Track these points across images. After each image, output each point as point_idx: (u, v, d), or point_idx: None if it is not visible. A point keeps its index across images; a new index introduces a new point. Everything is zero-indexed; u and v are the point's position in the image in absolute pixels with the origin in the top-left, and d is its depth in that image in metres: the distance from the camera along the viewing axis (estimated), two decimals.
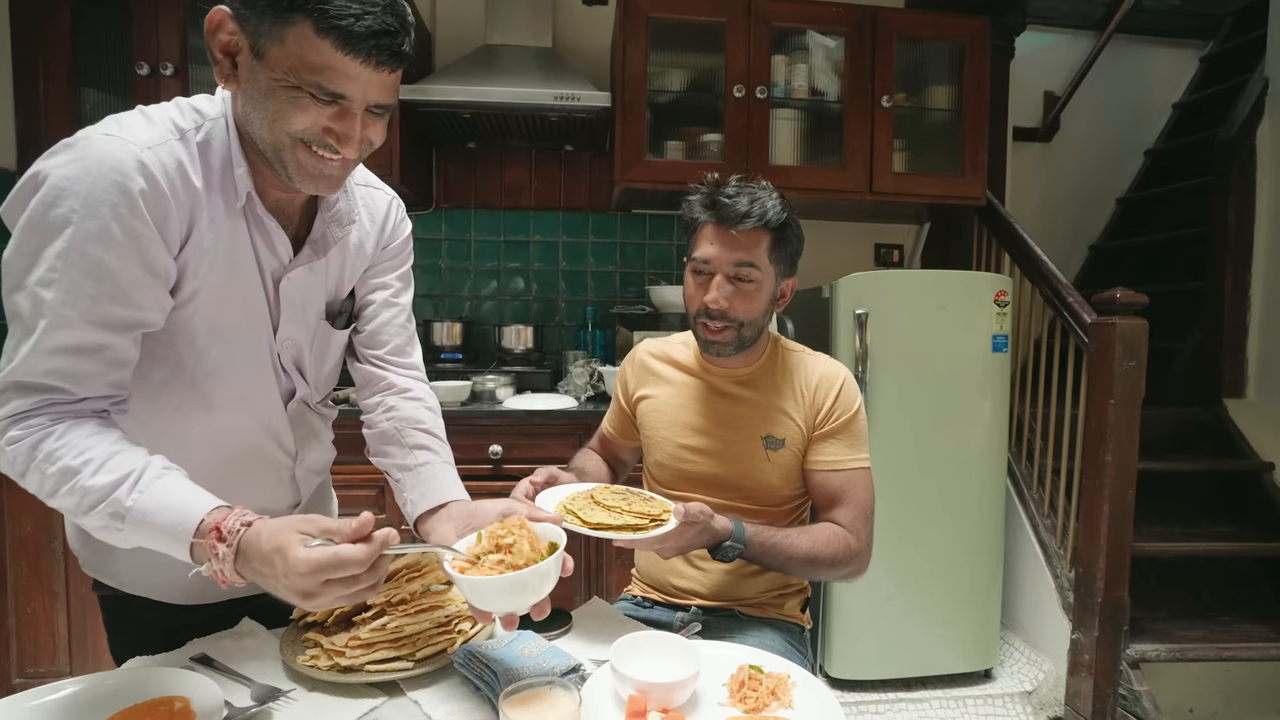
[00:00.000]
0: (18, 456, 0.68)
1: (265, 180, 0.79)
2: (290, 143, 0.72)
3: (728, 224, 1.06)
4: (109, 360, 0.71)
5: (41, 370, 0.68)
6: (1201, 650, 2.08)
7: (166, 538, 0.68)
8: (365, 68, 0.68)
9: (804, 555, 1.05)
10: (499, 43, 2.40)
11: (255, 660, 0.84)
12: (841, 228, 2.86)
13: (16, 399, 0.68)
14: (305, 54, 0.66)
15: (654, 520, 0.92)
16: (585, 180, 2.73)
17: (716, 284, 1.08)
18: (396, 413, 0.97)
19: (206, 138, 0.75)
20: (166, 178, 0.71)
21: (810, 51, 2.43)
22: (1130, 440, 1.98)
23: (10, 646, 1.93)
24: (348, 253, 0.92)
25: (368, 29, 0.66)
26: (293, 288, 0.86)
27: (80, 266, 0.67)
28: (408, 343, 1.02)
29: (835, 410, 1.13)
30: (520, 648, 0.83)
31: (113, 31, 2.13)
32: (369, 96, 0.71)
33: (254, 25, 0.67)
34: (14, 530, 1.90)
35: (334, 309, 0.94)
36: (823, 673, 2.19)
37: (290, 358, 0.90)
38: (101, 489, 0.67)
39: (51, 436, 0.68)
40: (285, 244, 0.83)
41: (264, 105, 0.70)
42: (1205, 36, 3.61)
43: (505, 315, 2.72)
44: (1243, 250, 2.66)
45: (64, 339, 0.68)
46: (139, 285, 0.71)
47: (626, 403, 1.28)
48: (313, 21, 0.65)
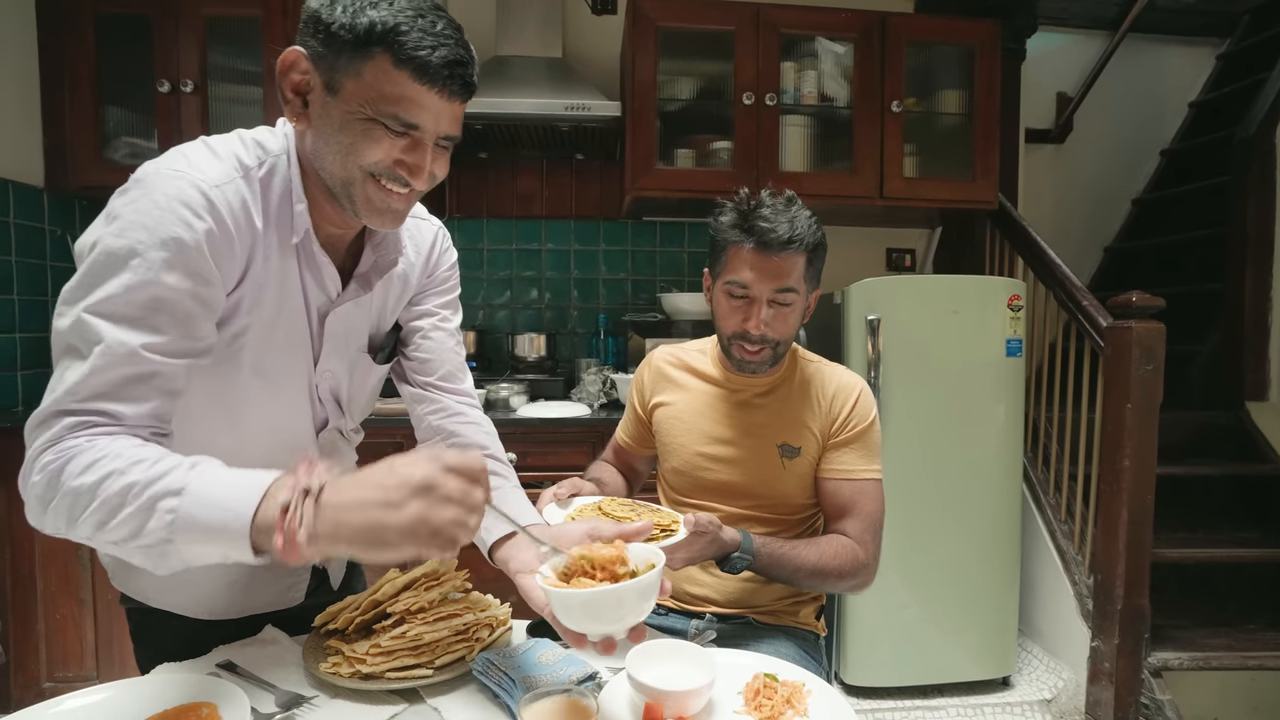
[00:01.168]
0: (46, 481, 0.63)
1: (321, 215, 0.80)
2: (361, 177, 0.73)
3: (769, 250, 1.05)
4: (158, 389, 0.69)
5: (88, 394, 0.65)
6: (1226, 659, 2.05)
7: (235, 496, 0.60)
8: (439, 98, 0.70)
9: (812, 567, 1.06)
10: (510, 54, 2.43)
11: (279, 667, 0.86)
12: (853, 233, 2.86)
13: (57, 425, 0.65)
14: (382, 85, 0.68)
15: (664, 530, 0.93)
16: (596, 188, 2.75)
17: (758, 310, 1.07)
18: (457, 439, 0.97)
19: (269, 173, 0.77)
20: (231, 216, 0.72)
21: (819, 58, 2.43)
22: (1148, 445, 1.96)
23: (40, 651, 1.97)
24: (392, 284, 0.92)
25: (444, 59, 0.68)
26: (337, 321, 0.86)
27: (142, 298, 0.67)
28: (459, 369, 1.01)
29: (851, 420, 1.14)
30: (538, 655, 0.84)
31: (134, 50, 2.19)
32: (440, 127, 0.73)
33: (330, 61, 0.69)
34: (43, 539, 1.95)
35: (376, 342, 0.94)
36: (838, 680, 2.18)
37: (328, 388, 0.90)
38: (154, 475, 0.61)
39: (90, 451, 0.63)
40: (335, 279, 0.84)
41: (337, 139, 0.72)
42: (1221, 34, 3.56)
43: (518, 323, 2.75)
44: (1263, 251, 2.62)
45: (118, 366, 0.66)
46: (196, 319, 0.71)
47: (642, 409, 1.29)
48: (391, 54, 0.67)
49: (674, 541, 0.91)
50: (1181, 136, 3.59)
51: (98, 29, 2.16)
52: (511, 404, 2.26)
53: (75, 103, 2.16)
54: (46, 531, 0.66)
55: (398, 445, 2.03)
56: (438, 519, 0.58)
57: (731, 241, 1.08)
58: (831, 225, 2.75)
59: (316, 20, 0.69)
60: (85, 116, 2.17)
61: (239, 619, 0.95)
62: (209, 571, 0.90)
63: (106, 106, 2.21)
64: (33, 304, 2.14)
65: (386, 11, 0.67)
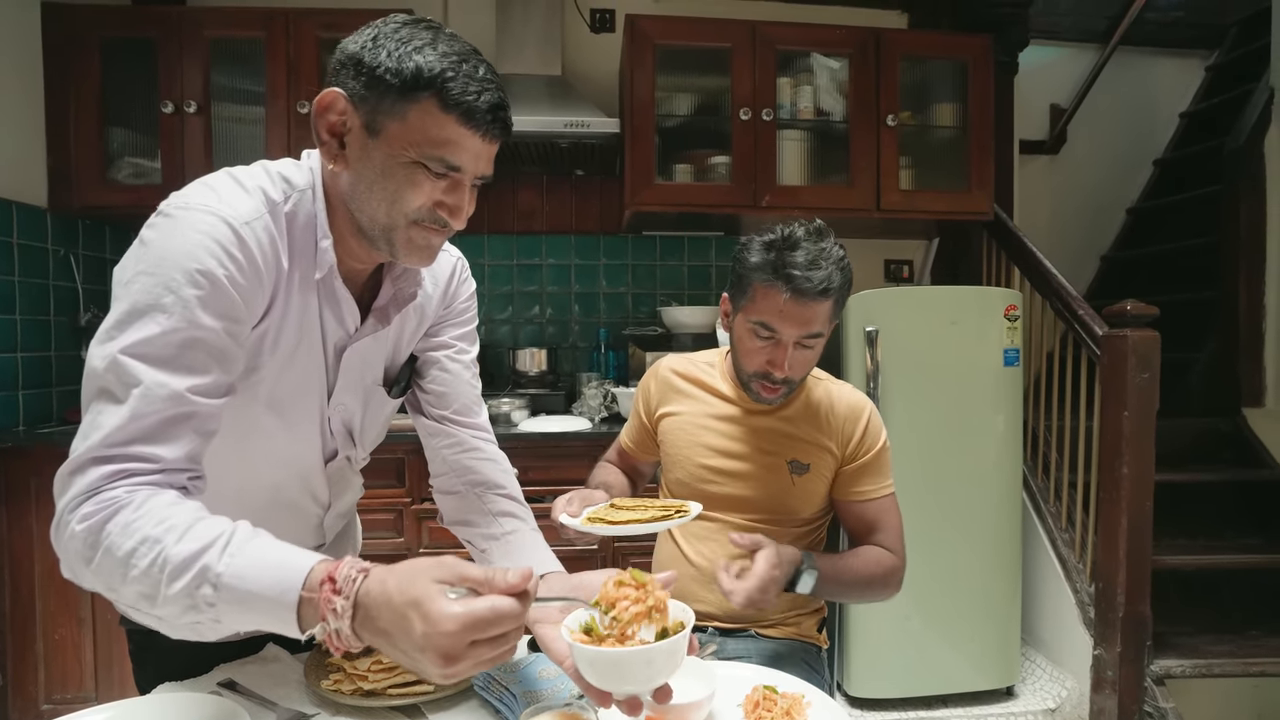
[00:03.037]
0: (88, 535, 0.61)
1: (345, 250, 0.80)
2: (405, 224, 0.74)
3: (803, 298, 1.02)
4: (195, 429, 0.68)
5: (127, 438, 0.64)
6: (1229, 666, 2.04)
7: (268, 602, 0.59)
8: (482, 140, 0.72)
9: (864, 577, 1.10)
10: (510, 72, 2.46)
11: (280, 685, 0.86)
12: (851, 244, 2.81)
13: (93, 472, 0.63)
14: (429, 129, 0.69)
15: (678, 511, 0.95)
16: (596, 204, 2.77)
17: (784, 354, 1.06)
18: (473, 476, 0.96)
19: (294, 209, 0.76)
20: (261, 253, 0.72)
21: (815, 73, 2.46)
22: (1146, 452, 1.96)
23: (39, 672, 1.96)
24: (409, 316, 0.91)
25: (488, 104, 0.70)
26: (354, 355, 0.86)
27: (178, 339, 0.66)
28: (474, 402, 1.00)
29: (865, 444, 1.16)
30: (539, 670, 0.84)
31: (139, 72, 2.22)
32: (478, 168, 0.74)
33: (373, 104, 0.69)
34: (43, 558, 1.95)
35: (391, 375, 0.93)
36: (842, 692, 2.17)
37: (341, 420, 0.89)
38: (188, 556, 0.59)
39: (129, 508, 0.62)
40: (355, 315, 0.83)
41: (382, 186, 0.72)
42: (1210, 46, 3.61)
43: (519, 338, 2.76)
44: (1256, 258, 2.64)
45: (157, 408, 0.65)
46: (230, 357, 0.71)
47: (648, 418, 1.29)
48: (439, 99, 0.68)
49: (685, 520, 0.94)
50: (1173, 146, 3.63)
51: (102, 51, 2.20)
52: (513, 418, 2.27)
53: (79, 123, 2.19)
54: (84, 587, 0.65)
55: (399, 461, 2.04)
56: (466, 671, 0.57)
57: (762, 281, 1.05)
58: None
59: (359, 62, 0.69)
60: (89, 137, 2.19)
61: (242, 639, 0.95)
62: None
63: (110, 127, 2.24)
64: (35, 324, 2.15)
65: (433, 56, 0.68)
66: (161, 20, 2.21)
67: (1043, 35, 3.32)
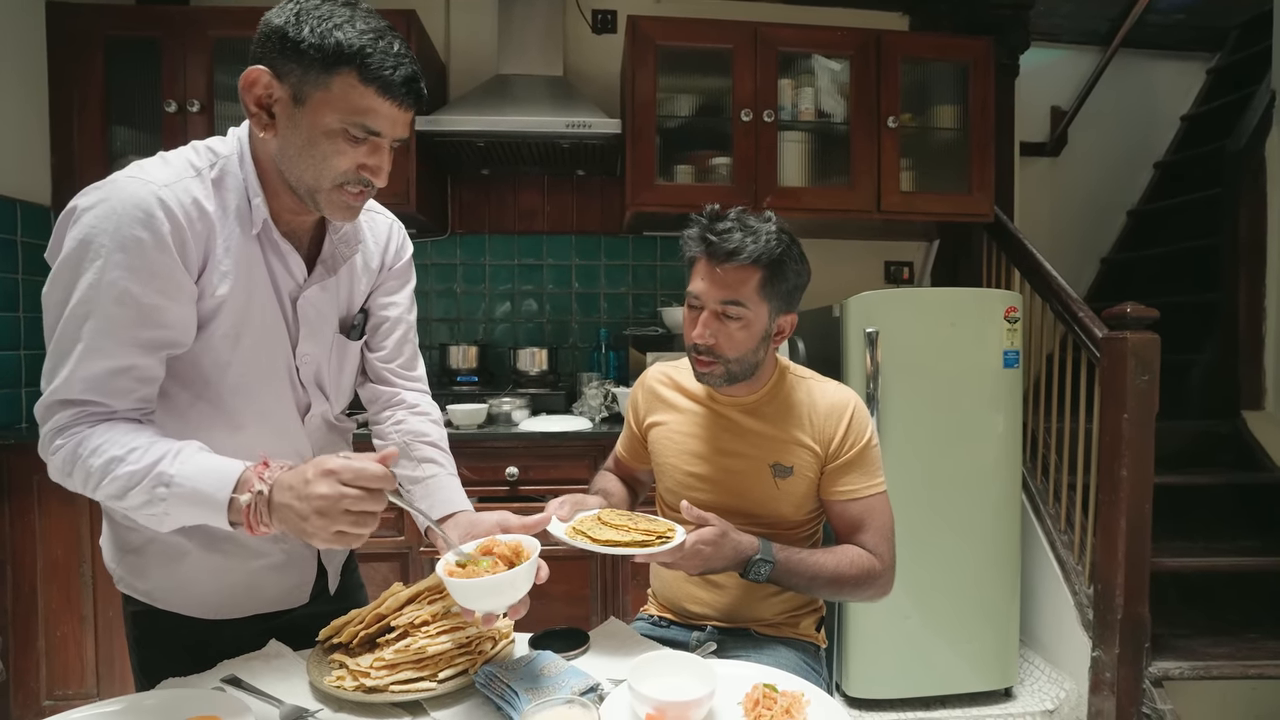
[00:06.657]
0: (64, 458, 0.77)
1: (281, 206, 0.88)
2: (329, 186, 0.83)
3: (715, 261, 1.05)
4: (137, 378, 0.80)
5: (79, 389, 0.77)
6: (1227, 668, 2.04)
7: (208, 495, 0.73)
8: (398, 109, 0.80)
9: (830, 574, 1.07)
10: (511, 73, 2.47)
11: (283, 681, 0.87)
12: (851, 246, 2.88)
13: (59, 413, 0.78)
14: (350, 99, 0.78)
15: (660, 537, 0.95)
16: (597, 204, 2.78)
17: (704, 320, 1.08)
18: (405, 426, 1.07)
19: (221, 174, 0.85)
20: (183, 210, 0.79)
21: (816, 75, 2.47)
22: (1145, 454, 1.97)
23: (40, 669, 1.97)
24: (355, 272, 1.01)
25: (402, 78, 0.79)
26: (309, 305, 0.94)
27: (110, 295, 0.76)
28: (414, 357, 1.13)
29: (848, 441, 1.14)
30: (540, 667, 0.85)
31: (142, 71, 2.22)
32: (395, 132, 0.83)
33: (299, 76, 0.77)
34: (45, 555, 1.95)
35: (347, 323, 1.02)
36: (840, 692, 2.17)
37: (310, 373, 0.97)
38: (146, 465, 0.74)
39: (94, 435, 0.77)
40: (299, 265, 0.92)
41: (309, 153, 0.80)
42: (1211, 49, 3.62)
43: (520, 338, 2.77)
44: (1256, 261, 2.64)
45: (98, 361, 0.77)
46: (163, 310, 0.79)
47: (638, 428, 1.30)
48: (359, 72, 0.77)
49: (667, 548, 0.94)
50: (1174, 149, 3.63)
51: (106, 50, 2.21)
52: (513, 418, 2.28)
53: (83, 122, 2.20)
54: (69, 489, 0.80)
55: None
56: (337, 527, 0.71)
57: (691, 253, 1.10)
58: (830, 239, 2.81)
59: (284, 36, 0.76)
60: (93, 136, 2.20)
61: (240, 620, 0.97)
62: (213, 573, 0.95)
63: (114, 126, 2.25)
64: (39, 321, 2.15)
65: (353, 34, 0.76)
66: (165, 19, 2.22)
67: (1044, 37, 3.33)
